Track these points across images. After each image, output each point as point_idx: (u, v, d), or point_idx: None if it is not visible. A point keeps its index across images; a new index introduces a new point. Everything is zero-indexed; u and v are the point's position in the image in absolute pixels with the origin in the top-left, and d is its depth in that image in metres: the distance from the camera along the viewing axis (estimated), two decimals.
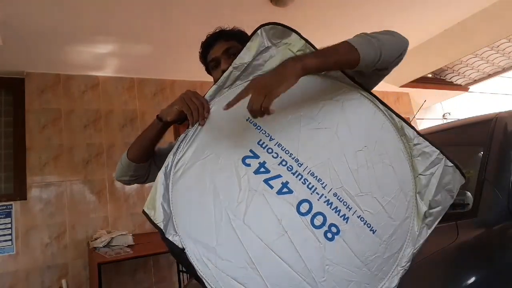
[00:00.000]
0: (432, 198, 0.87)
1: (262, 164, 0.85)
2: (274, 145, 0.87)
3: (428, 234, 0.87)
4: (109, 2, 2.26)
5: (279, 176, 0.84)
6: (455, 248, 1.20)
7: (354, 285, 0.81)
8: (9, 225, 2.76)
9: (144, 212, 0.79)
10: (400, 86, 4.80)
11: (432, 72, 5.13)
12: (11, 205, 2.80)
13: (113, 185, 3.15)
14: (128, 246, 2.75)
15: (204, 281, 0.76)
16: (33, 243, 2.81)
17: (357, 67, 0.82)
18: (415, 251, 0.86)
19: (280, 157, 0.86)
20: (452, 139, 1.85)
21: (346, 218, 0.83)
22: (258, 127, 0.88)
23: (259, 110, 0.73)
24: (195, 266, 0.77)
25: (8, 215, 2.77)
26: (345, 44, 0.82)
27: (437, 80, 5.38)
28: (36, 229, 2.84)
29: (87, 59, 3.03)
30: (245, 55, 0.89)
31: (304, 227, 0.81)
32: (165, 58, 3.20)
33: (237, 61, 0.89)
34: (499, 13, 3.18)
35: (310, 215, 0.82)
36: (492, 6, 3.09)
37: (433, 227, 0.88)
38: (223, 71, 0.92)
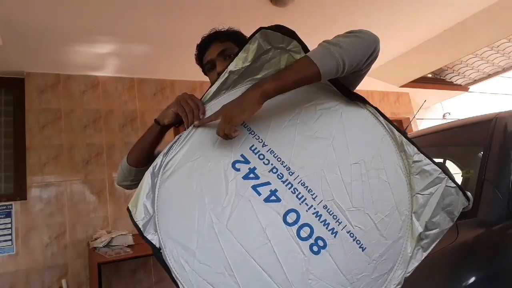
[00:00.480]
0: (429, 219, 0.83)
1: (252, 170, 0.83)
2: (267, 151, 0.85)
3: (423, 257, 0.83)
4: (109, 2, 2.25)
5: (268, 183, 0.82)
6: (455, 248, 1.20)
7: None
8: (9, 225, 2.76)
9: (128, 209, 0.79)
10: (400, 86, 4.80)
11: (432, 72, 5.13)
12: (11, 205, 2.80)
13: (113, 185, 3.15)
14: (128, 246, 2.75)
15: (179, 283, 0.75)
16: (33, 243, 2.81)
17: (322, 80, 0.81)
18: (407, 274, 0.81)
19: (271, 164, 0.84)
20: (452, 139, 1.85)
21: (334, 232, 0.80)
22: (252, 132, 0.86)
23: (223, 135, 0.80)
24: (171, 267, 0.76)
25: (8, 215, 2.77)
26: (304, 60, 0.80)
27: (437, 80, 5.38)
28: (36, 229, 2.83)
29: (87, 59, 3.03)
30: (243, 59, 0.86)
31: (289, 238, 0.79)
32: (165, 58, 3.19)
33: (233, 65, 0.86)
34: (499, 13, 3.18)
35: (296, 226, 0.80)
36: (492, 6, 3.09)
37: (429, 250, 0.83)
38: (219, 73, 0.91)
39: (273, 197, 0.81)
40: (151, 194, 0.80)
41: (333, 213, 0.81)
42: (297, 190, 0.82)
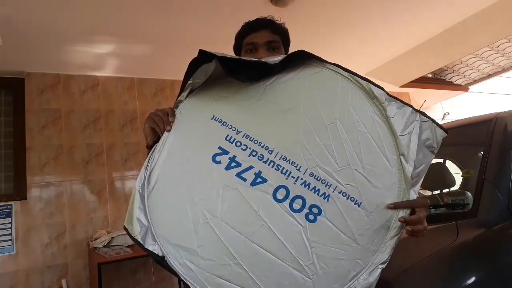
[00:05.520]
0: (416, 157, 0.83)
1: (232, 159, 0.86)
2: (242, 137, 0.88)
3: (416, 194, 0.83)
4: (109, 2, 2.25)
5: (250, 167, 0.85)
6: (455, 248, 1.20)
7: (344, 262, 0.78)
8: (9, 225, 2.76)
9: (124, 227, 0.83)
10: (400, 86, 4.79)
11: (432, 72, 5.12)
12: (11, 205, 2.80)
13: (113, 185, 3.16)
14: (128, 246, 2.75)
15: (189, 283, 0.78)
16: (33, 243, 2.81)
17: None
18: (406, 215, 0.81)
19: (250, 148, 0.86)
20: (452, 139, 1.85)
21: (326, 196, 0.81)
22: (224, 123, 0.90)
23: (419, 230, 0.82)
24: (178, 271, 0.79)
25: (8, 215, 2.77)
26: None
27: (437, 80, 5.37)
28: (36, 229, 2.84)
29: (87, 59, 3.03)
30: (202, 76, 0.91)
31: (283, 214, 0.81)
32: (165, 58, 3.19)
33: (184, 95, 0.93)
34: (499, 13, 3.18)
35: (288, 200, 0.82)
36: (492, 6, 3.08)
37: (418, 186, 0.84)
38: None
39: (259, 179, 0.84)
40: (142, 207, 0.83)
41: (321, 178, 0.83)
42: (281, 166, 0.84)
